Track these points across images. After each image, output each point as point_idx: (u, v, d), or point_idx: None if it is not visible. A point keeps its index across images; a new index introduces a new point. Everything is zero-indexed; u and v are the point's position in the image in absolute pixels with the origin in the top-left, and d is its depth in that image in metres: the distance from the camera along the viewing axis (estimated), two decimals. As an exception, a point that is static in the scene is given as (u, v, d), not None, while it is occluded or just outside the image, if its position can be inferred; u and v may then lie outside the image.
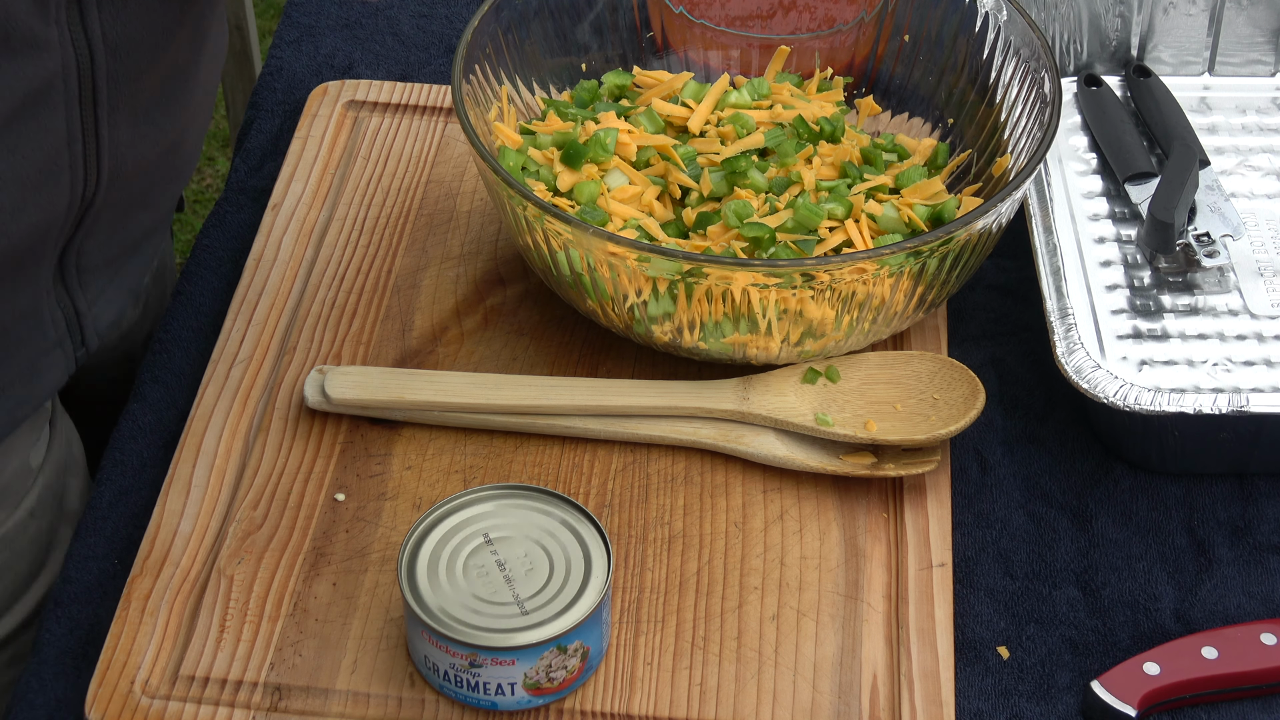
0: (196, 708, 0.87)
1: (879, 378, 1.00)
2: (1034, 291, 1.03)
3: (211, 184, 2.54)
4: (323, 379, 1.00)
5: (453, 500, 0.89)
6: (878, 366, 1.01)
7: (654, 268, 0.93)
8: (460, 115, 1.00)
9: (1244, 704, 0.89)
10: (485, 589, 0.85)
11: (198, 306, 1.11)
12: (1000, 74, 1.09)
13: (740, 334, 0.97)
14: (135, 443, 1.02)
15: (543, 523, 0.88)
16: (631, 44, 1.17)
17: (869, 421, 0.97)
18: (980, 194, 1.07)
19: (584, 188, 1.05)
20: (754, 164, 1.06)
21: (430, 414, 0.99)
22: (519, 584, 0.85)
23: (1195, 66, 1.24)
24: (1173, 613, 0.94)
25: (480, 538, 0.88)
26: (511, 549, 0.87)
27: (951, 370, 0.99)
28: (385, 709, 0.87)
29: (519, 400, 0.99)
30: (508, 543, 0.87)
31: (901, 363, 1.01)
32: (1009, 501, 0.99)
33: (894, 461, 0.97)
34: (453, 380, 1.00)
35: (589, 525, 0.88)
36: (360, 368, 1.02)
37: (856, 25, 1.17)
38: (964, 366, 0.99)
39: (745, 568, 0.93)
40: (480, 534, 0.88)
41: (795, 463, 0.97)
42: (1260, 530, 0.98)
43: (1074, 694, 0.90)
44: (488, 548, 0.87)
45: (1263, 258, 1.10)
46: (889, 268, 0.94)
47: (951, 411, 0.97)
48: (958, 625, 0.93)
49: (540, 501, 0.89)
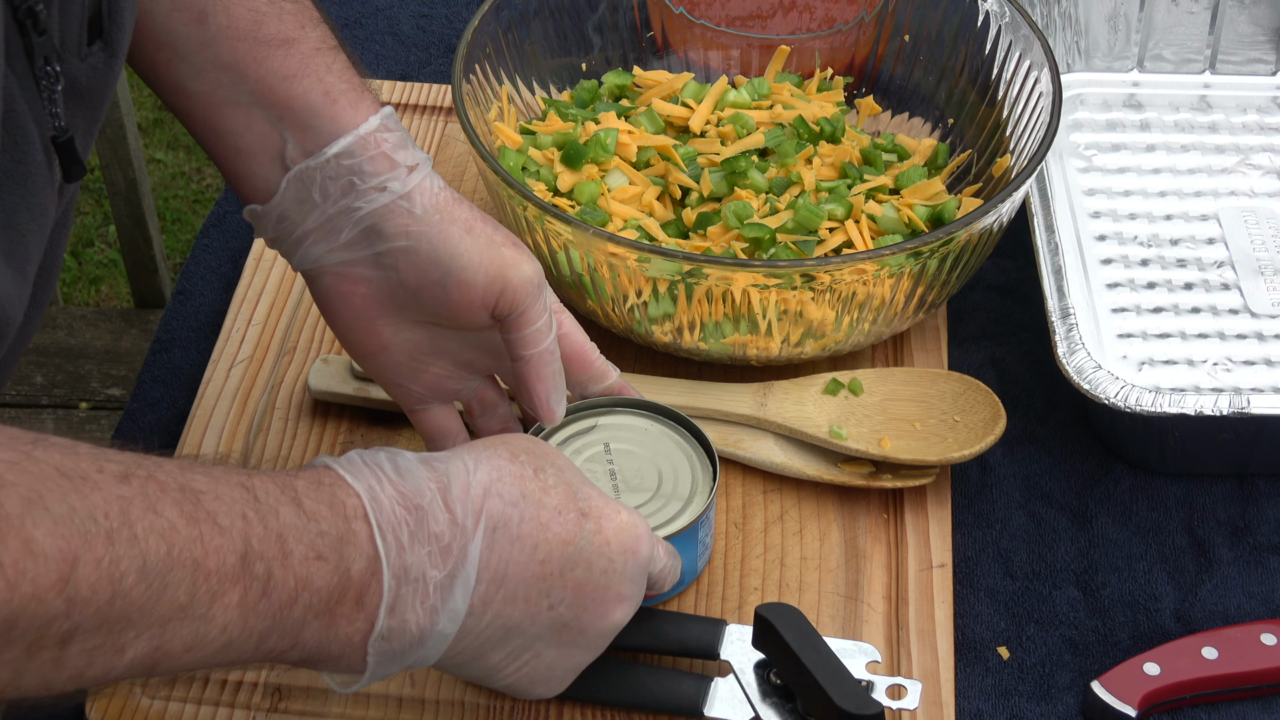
0: (196, 708, 0.87)
1: (902, 394, 1.00)
2: (1034, 291, 1.03)
3: (212, 184, 2.54)
4: (328, 367, 1.00)
5: (588, 408, 0.91)
6: (902, 383, 1.00)
7: (654, 268, 0.93)
8: (460, 115, 1.00)
9: (1244, 704, 0.89)
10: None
11: (198, 306, 1.11)
12: (1001, 74, 1.09)
13: (740, 334, 0.97)
14: (135, 443, 1.01)
15: (665, 447, 0.91)
16: (632, 44, 1.17)
17: (884, 438, 0.96)
18: (980, 194, 1.07)
19: (584, 188, 1.05)
20: (754, 164, 1.06)
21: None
22: (626, 494, 0.88)
23: (1196, 65, 1.24)
24: (1173, 613, 0.94)
25: (601, 445, 0.90)
26: (627, 461, 0.90)
27: (977, 393, 0.98)
28: (385, 709, 0.87)
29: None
30: (625, 455, 0.90)
31: (928, 381, 1.00)
32: (1009, 501, 0.99)
33: (891, 472, 0.96)
34: None
35: (707, 461, 0.90)
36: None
37: (856, 25, 1.17)
38: (990, 390, 0.98)
39: (745, 568, 0.93)
40: (602, 443, 0.90)
41: (792, 469, 0.97)
42: (1260, 530, 0.98)
43: (1074, 694, 0.90)
44: (605, 456, 0.89)
45: (1263, 257, 1.10)
46: (889, 268, 0.94)
47: (970, 435, 0.96)
48: (958, 625, 0.92)
49: (669, 428, 0.91)
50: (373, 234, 0.85)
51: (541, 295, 0.86)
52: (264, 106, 0.84)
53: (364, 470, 0.72)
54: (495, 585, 0.74)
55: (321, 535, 0.68)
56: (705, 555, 0.91)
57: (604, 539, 0.77)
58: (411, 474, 0.73)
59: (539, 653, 0.78)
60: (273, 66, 0.84)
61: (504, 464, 0.76)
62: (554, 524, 0.75)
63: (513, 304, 0.85)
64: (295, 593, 0.67)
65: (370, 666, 0.72)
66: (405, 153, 0.85)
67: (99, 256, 2.45)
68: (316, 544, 0.68)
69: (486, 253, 0.85)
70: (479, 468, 0.75)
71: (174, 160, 2.58)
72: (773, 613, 0.83)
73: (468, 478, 0.74)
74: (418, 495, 0.72)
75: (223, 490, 0.66)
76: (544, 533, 0.75)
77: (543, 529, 0.75)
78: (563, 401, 0.88)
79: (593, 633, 0.78)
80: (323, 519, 0.69)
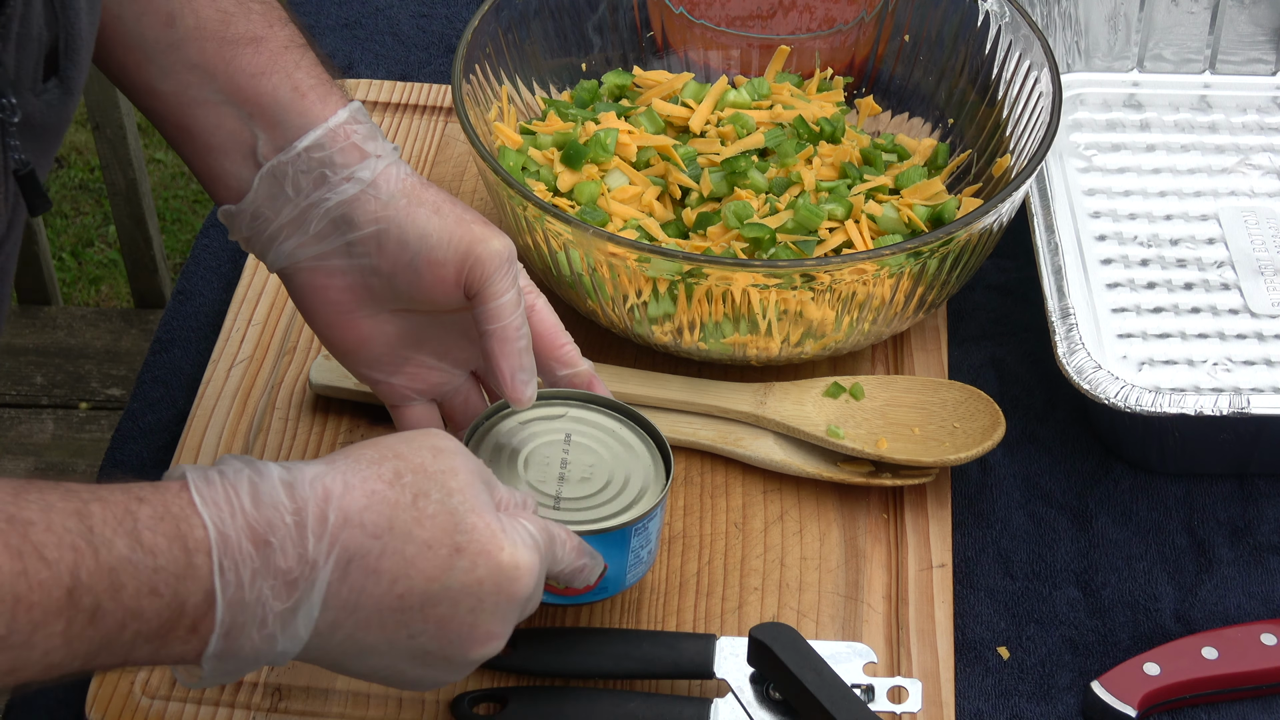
0: (197, 708, 0.87)
1: (904, 401, 1.00)
2: (1034, 291, 1.03)
3: (212, 182, 2.54)
4: (329, 363, 1.00)
5: (564, 397, 0.90)
6: (905, 390, 1.00)
7: (654, 268, 0.93)
8: (460, 115, 1.00)
9: (1244, 704, 0.89)
10: (536, 477, 0.86)
11: (198, 306, 1.11)
12: (1001, 74, 1.09)
13: (740, 334, 0.97)
14: (135, 443, 1.02)
15: (626, 453, 0.88)
16: (632, 44, 1.17)
17: (881, 440, 0.96)
18: (980, 194, 1.07)
19: (584, 188, 1.05)
20: (754, 164, 1.06)
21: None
22: (568, 485, 0.86)
23: (1196, 65, 1.24)
24: (1173, 613, 0.94)
25: (562, 434, 0.89)
26: (582, 456, 0.88)
27: (978, 401, 0.98)
28: (385, 709, 0.87)
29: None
30: (583, 449, 0.88)
31: (930, 389, 1.00)
32: (1009, 501, 0.99)
33: (891, 471, 0.97)
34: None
35: (664, 478, 0.87)
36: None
37: (856, 25, 1.17)
38: (990, 399, 0.98)
39: (745, 568, 0.93)
40: (564, 432, 0.89)
41: (792, 468, 0.97)
42: (1260, 530, 0.98)
43: (1074, 694, 0.90)
44: (563, 445, 0.88)
45: (1263, 256, 1.10)
46: (889, 268, 0.94)
47: (968, 440, 0.96)
48: (958, 625, 0.92)
49: (638, 436, 0.89)
50: (343, 224, 0.85)
51: (509, 270, 0.85)
52: (234, 104, 0.84)
53: (219, 495, 0.69)
54: (346, 613, 0.72)
55: (157, 571, 0.66)
56: (639, 567, 0.88)
57: (475, 578, 0.73)
58: (269, 501, 0.70)
59: (402, 670, 0.75)
60: (241, 65, 0.84)
61: (379, 489, 0.72)
62: (420, 559, 0.72)
63: (481, 277, 0.84)
64: (124, 622, 0.66)
65: (206, 675, 0.70)
66: (375, 144, 0.86)
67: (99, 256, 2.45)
68: (151, 579, 0.66)
69: (455, 230, 0.84)
70: (348, 493, 0.71)
71: (174, 160, 2.58)
72: (767, 634, 0.82)
73: (327, 506, 0.71)
74: (268, 530, 0.69)
75: (55, 520, 0.65)
76: (407, 567, 0.72)
77: (406, 564, 0.72)
78: (531, 383, 0.86)
79: (459, 662, 0.76)
80: (161, 554, 0.67)
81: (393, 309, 0.88)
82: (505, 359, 0.85)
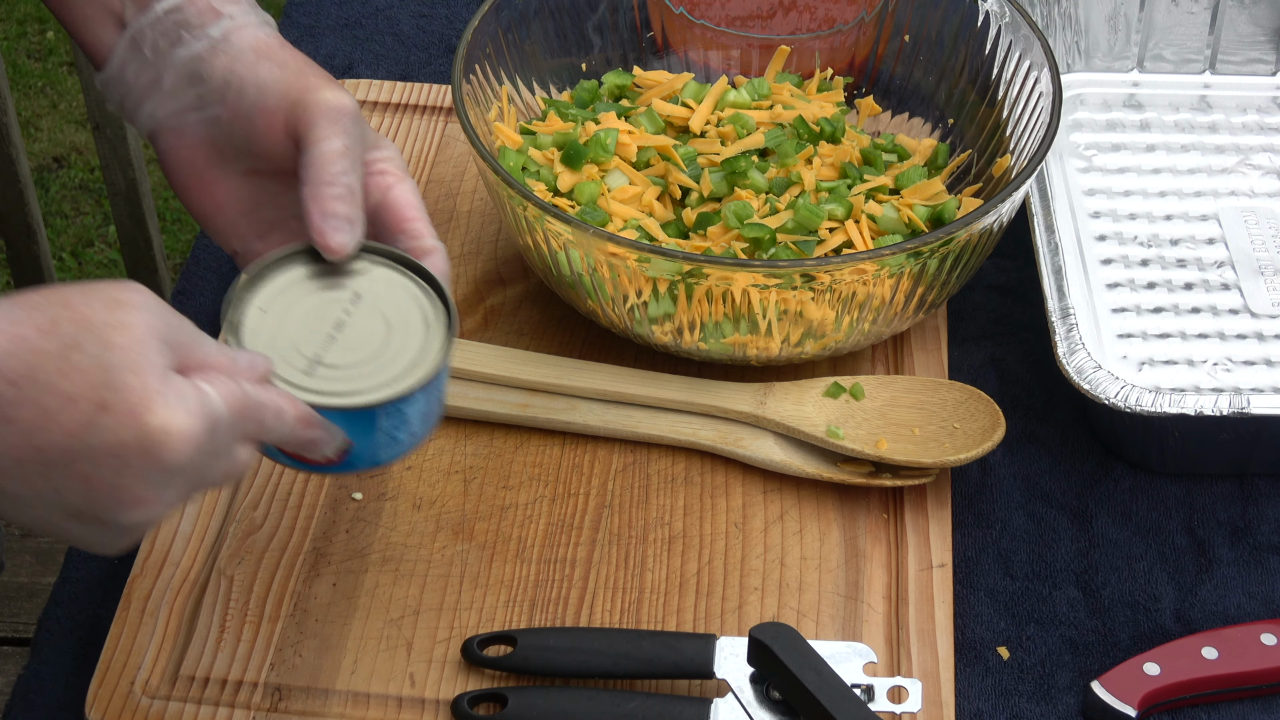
0: (197, 708, 0.87)
1: (904, 401, 1.00)
2: (1034, 291, 1.03)
3: (212, 182, 2.54)
4: None
5: (380, 254, 0.82)
6: (905, 390, 1.00)
7: (654, 268, 0.93)
8: (460, 115, 1.00)
9: (1244, 704, 0.89)
10: (300, 335, 0.79)
11: (198, 306, 1.11)
12: (1001, 74, 1.09)
13: (740, 334, 0.97)
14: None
15: (415, 329, 0.80)
16: (632, 44, 1.17)
17: (880, 440, 0.97)
18: (980, 194, 1.07)
19: (584, 188, 1.05)
20: (754, 164, 1.06)
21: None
22: (335, 349, 0.79)
23: (1196, 65, 1.24)
24: (1173, 613, 0.94)
25: (351, 292, 0.81)
26: (366, 321, 0.80)
27: (978, 402, 0.98)
28: (385, 709, 0.87)
29: (542, 377, 0.99)
30: (369, 314, 0.80)
31: (930, 390, 1.00)
32: (1009, 501, 0.99)
33: (891, 471, 0.97)
34: (480, 351, 1.00)
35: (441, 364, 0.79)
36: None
37: (856, 25, 1.17)
38: (991, 400, 0.98)
39: (745, 568, 0.93)
40: (355, 291, 0.81)
41: (792, 468, 0.97)
42: (1260, 530, 0.98)
43: (1074, 694, 0.90)
44: (347, 305, 0.80)
45: (1263, 257, 1.10)
46: (889, 268, 0.94)
47: (968, 441, 0.96)
48: (958, 625, 0.93)
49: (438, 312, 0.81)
50: (195, 79, 0.86)
51: (338, 122, 0.82)
52: None
53: None
54: None
55: None
56: (394, 448, 0.80)
57: (118, 439, 0.69)
58: None
59: (61, 525, 0.72)
60: None
61: (28, 334, 0.69)
62: (61, 414, 0.68)
63: (305, 123, 0.82)
64: None
65: None
66: (230, 6, 0.87)
67: (99, 256, 2.45)
68: None
69: (294, 80, 0.84)
70: None
71: (174, 160, 2.58)
72: (767, 634, 0.82)
73: None
74: None
75: None
76: (45, 420, 0.69)
77: (45, 416, 0.69)
78: (343, 232, 0.80)
79: (115, 525, 0.72)
80: None
81: (243, 170, 0.87)
82: (314, 202, 0.81)
